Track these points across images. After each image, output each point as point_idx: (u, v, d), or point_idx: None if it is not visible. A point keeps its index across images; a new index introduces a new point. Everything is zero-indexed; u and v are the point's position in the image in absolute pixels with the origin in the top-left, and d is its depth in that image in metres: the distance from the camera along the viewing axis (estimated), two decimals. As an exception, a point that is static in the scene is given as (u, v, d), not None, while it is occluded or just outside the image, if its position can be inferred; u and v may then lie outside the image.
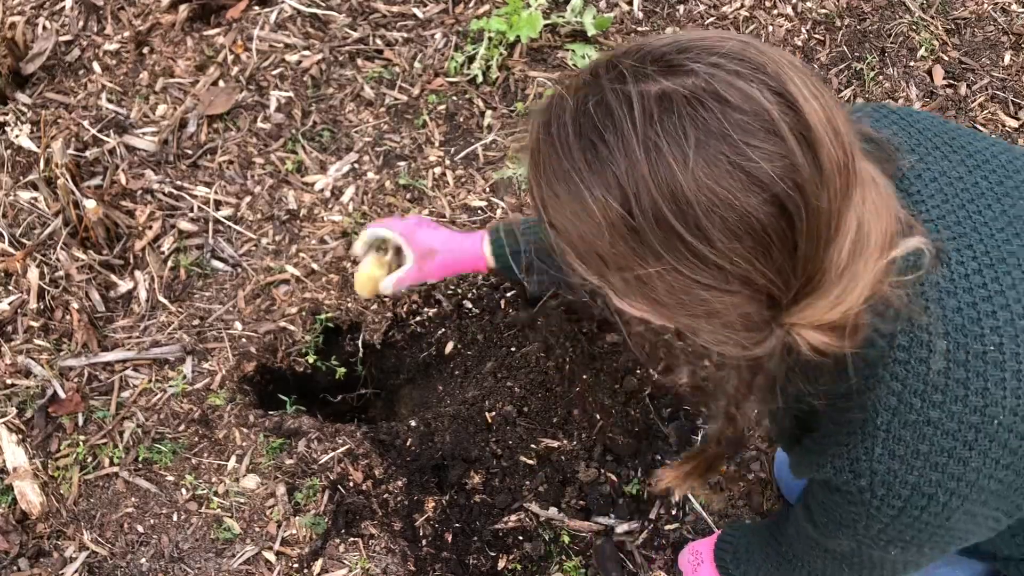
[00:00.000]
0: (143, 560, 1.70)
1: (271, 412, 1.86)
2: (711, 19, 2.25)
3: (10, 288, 1.91)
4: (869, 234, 0.80)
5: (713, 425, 1.04)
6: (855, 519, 0.99)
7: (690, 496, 1.77)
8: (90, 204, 1.89)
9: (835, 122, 0.77)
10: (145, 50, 2.22)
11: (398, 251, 1.59)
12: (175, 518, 1.74)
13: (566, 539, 1.74)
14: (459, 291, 1.99)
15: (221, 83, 2.17)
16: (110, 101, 2.15)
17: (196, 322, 1.92)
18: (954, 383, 0.88)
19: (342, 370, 1.95)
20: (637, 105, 0.74)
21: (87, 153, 2.07)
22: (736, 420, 0.99)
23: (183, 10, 2.23)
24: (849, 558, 1.09)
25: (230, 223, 2.02)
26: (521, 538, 1.75)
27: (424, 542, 1.74)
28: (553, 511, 1.76)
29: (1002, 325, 0.89)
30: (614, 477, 1.79)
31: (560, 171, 0.78)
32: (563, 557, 1.73)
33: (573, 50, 2.19)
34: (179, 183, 2.06)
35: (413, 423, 1.85)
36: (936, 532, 0.96)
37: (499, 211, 2.02)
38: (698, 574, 1.55)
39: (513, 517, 1.76)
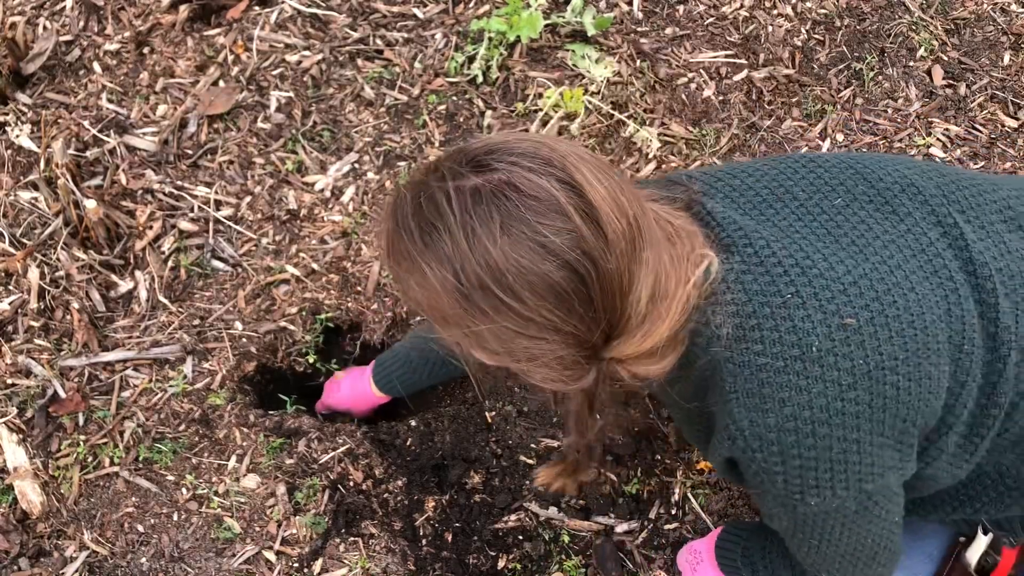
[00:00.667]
0: (143, 560, 1.70)
1: (271, 412, 1.86)
2: (711, 19, 2.25)
3: (10, 288, 1.91)
4: (667, 281, 1.01)
5: (568, 438, 1.26)
6: (760, 481, 1.13)
7: (689, 496, 1.77)
8: (90, 204, 1.89)
9: (618, 199, 0.96)
10: (145, 50, 2.22)
11: None
12: (175, 518, 1.74)
13: (566, 539, 1.74)
14: (459, 291, 2.00)
15: (221, 83, 2.17)
16: (110, 101, 2.15)
17: (196, 322, 1.92)
18: (767, 331, 1.07)
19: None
20: (455, 198, 0.94)
21: (87, 153, 2.07)
22: (585, 433, 1.20)
23: (183, 10, 2.23)
24: (798, 529, 1.19)
25: (230, 223, 2.03)
26: (521, 538, 1.75)
27: (424, 542, 1.74)
28: (553, 511, 1.76)
29: (794, 278, 1.09)
30: (614, 477, 1.79)
31: (406, 252, 0.98)
32: (563, 557, 1.73)
33: (573, 50, 2.19)
34: (179, 183, 2.06)
35: (413, 423, 1.85)
36: (831, 468, 1.09)
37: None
38: (697, 573, 1.55)
39: (513, 517, 1.76)
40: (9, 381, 1.82)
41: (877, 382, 1.07)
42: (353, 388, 1.84)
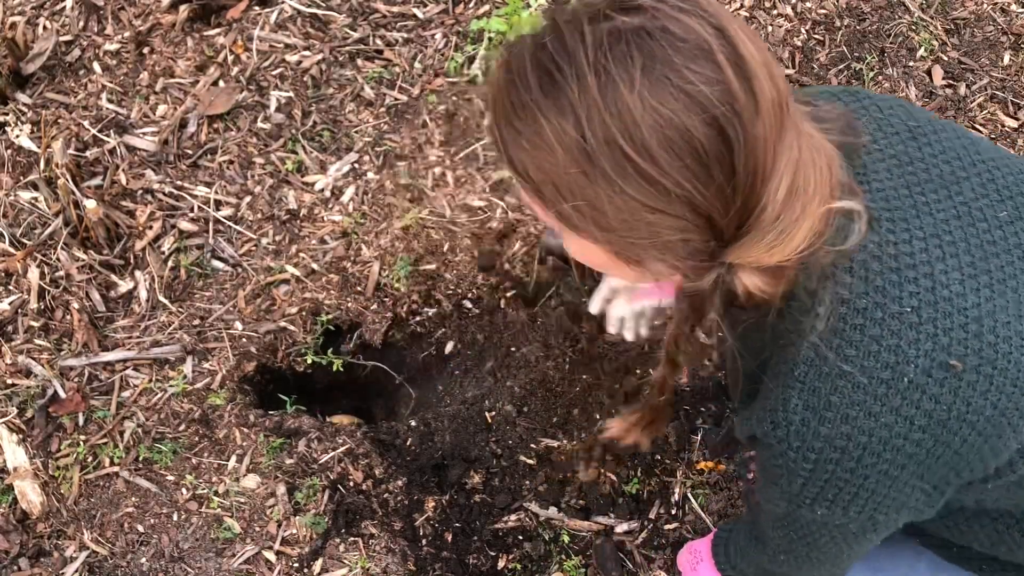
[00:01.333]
0: (143, 560, 1.70)
1: (271, 412, 1.86)
2: (711, 19, 2.25)
3: (10, 288, 1.91)
4: (807, 180, 0.87)
5: (656, 372, 1.11)
6: (779, 474, 1.03)
7: (689, 496, 1.77)
8: (90, 204, 1.89)
9: (771, 66, 0.83)
10: (145, 50, 2.22)
11: None
12: (175, 518, 1.74)
13: (566, 539, 1.74)
14: (459, 291, 2.00)
15: (221, 83, 2.17)
16: (110, 101, 2.15)
17: (196, 322, 1.92)
18: (868, 339, 0.94)
19: (339, 362, 1.95)
20: (589, 37, 0.81)
21: (87, 153, 2.07)
22: (677, 366, 1.06)
23: (183, 10, 2.23)
24: (789, 522, 1.12)
25: (230, 223, 2.03)
26: (521, 538, 1.75)
27: (424, 542, 1.74)
28: (553, 511, 1.76)
29: (922, 292, 0.94)
30: (614, 477, 1.79)
31: (519, 104, 0.84)
32: (563, 557, 1.73)
33: (573, 50, 2.19)
34: (179, 183, 2.06)
35: (413, 423, 1.85)
36: (856, 493, 1.00)
37: (499, 211, 2.02)
38: (697, 572, 1.55)
39: (513, 517, 1.76)
40: (9, 381, 1.82)
41: (949, 432, 0.96)
42: None
